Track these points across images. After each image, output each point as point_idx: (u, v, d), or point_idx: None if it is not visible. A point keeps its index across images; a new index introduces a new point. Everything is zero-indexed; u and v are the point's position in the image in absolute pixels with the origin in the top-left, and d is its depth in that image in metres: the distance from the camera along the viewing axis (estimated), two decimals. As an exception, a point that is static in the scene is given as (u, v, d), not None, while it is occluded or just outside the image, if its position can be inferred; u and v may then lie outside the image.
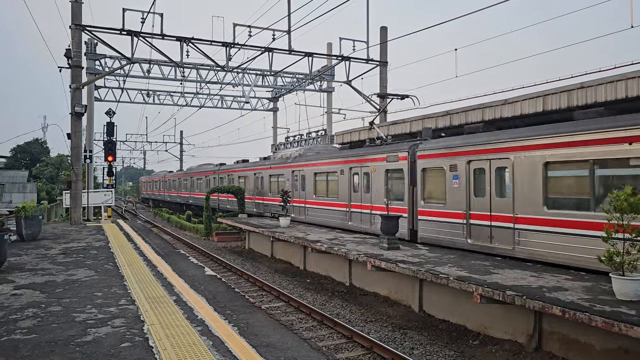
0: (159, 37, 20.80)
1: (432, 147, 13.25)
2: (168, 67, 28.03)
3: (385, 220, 12.70)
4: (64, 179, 37.46)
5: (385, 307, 11.56)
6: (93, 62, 27.72)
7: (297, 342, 6.01)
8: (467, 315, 9.59)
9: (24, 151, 55.78)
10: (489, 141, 11.33)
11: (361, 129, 21.30)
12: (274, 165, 24.39)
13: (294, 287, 14.11)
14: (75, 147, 20.62)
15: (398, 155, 14.46)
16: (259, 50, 22.79)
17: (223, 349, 5.31)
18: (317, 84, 32.47)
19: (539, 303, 7.12)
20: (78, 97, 20.29)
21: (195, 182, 39.30)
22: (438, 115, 16.36)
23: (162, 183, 52.70)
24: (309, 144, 23.92)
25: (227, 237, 25.65)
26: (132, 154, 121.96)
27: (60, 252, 12.26)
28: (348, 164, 17.15)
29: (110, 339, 5.54)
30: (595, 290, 7.74)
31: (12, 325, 6.03)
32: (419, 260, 10.77)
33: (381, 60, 25.29)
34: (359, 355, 8.54)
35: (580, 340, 7.57)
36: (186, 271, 11.60)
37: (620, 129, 8.48)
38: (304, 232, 16.95)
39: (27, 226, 14.74)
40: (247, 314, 7.36)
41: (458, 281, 8.61)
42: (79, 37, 20.35)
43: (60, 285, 8.38)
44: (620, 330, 6.03)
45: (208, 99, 35.87)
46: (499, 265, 10.02)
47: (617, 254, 6.90)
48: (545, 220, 9.78)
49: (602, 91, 11.13)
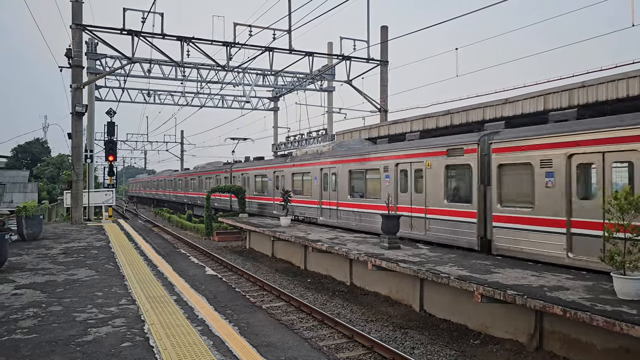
0: (160, 37, 20.81)
1: (511, 137, 10.88)
2: (169, 67, 28.04)
3: (386, 219, 12.69)
4: (64, 178, 37.48)
5: (386, 306, 11.55)
6: (94, 62, 27.72)
7: (298, 341, 6.00)
8: (468, 314, 9.58)
9: (24, 151, 55.83)
10: (602, 128, 8.87)
11: (362, 128, 21.30)
12: (298, 163, 21.70)
13: (294, 286, 14.10)
14: (76, 146, 20.64)
15: (464, 148, 12.14)
16: (259, 50, 22.80)
17: (223, 349, 5.30)
18: (317, 83, 32.47)
19: (540, 302, 7.10)
20: (79, 96, 20.30)
21: (204, 182, 37.26)
22: (439, 115, 16.36)
23: (167, 182, 51.42)
24: (309, 143, 23.86)
25: (227, 237, 25.65)
26: (132, 154, 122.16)
27: (61, 252, 12.26)
28: (394, 160, 14.69)
29: (111, 339, 5.53)
30: (597, 289, 7.73)
31: (12, 325, 6.03)
32: (420, 260, 10.76)
33: (382, 59, 25.29)
34: (360, 355, 8.53)
35: (581, 340, 7.55)
36: (187, 271, 11.59)
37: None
38: (305, 232, 16.94)
39: (28, 226, 14.75)
40: (247, 314, 7.36)
41: (459, 281, 8.60)
42: (80, 37, 20.37)
43: (60, 285, 8.38)
44: (622, 330, 6.02)
45: (209, 99, 35.87)
46: (500, 265, 10.00)
47: (619, 253, 6.89)
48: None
49: (603, 90, 11.11)
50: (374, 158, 16.03)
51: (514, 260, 10.45)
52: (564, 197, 9.54)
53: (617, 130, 8.65)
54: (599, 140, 8.96)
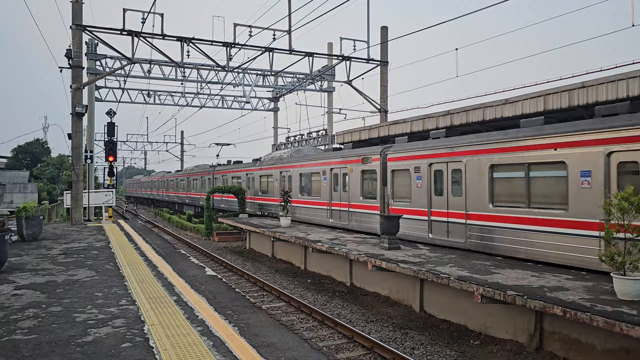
0: (160, 37, 20.81)
1: (398, 149, 14.31)
2: (169, 67, 28.06)
3: (386, 220, 12.69)
4: (64, 179, 37.52)
5: (386, 307, 11.55)
6: (94, 62, 27.75)
7: (298, 342, 5.99)
8: (468, 315, 9.58)
9: (24, 151, 55.82)
10: (434, 146, 12.87)
11: (362, 129, 21.28)
12: (264, 167, 23.98)
13: (294, 287, 14.10)
14: (75, 147, 20.64)
15: (371, 157, 15.23)
16: (259, 50, 22.79)
17: (223, 349, 5.30)
18: (317, 83, 32.48)
19: (540, 303, 7.10)
20: (79, 97, 20.30)
21: (191, 182, 39.71)
22: (439, 115, 16.34)
23: (160, 183, 54.29)
24: (309, 144, 23.83)
25: (227, 237, 25.65)
26: (132, 154, 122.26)
27: (61, 253, 12.26)
28: (329, 165, 16.87)
29: (111, 339, 5.53)
30: (597, 290, 7.73)
31: (12, 326, 6.03)
32: (420, 260, 10.75)
33: (382, 60, 25.28)
34: (360, 355, 8.53)
35: (581, 340, 7.55)
36: (187, 271, 11.58)
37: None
38: (305, 232, 16.94)
39: (28, 226, 14.75)
40: (247, 314, 7.35)
41: (459, 281, 8.60)
42: (80, 37, 20.36)
43: (60, 285, 8.38)
44: (622, 330, 6.02)
45: (209, 99, 35.88)
46: (500, 265, 10.00)
47: (619, 253, 6.89)
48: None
49: (603, 91, 11.10)
50: (318, 164, 19.33)
51: (513, 260, 10.46)
52: (427, 194, 13.26)
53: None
54: (443, 154, 12.84)
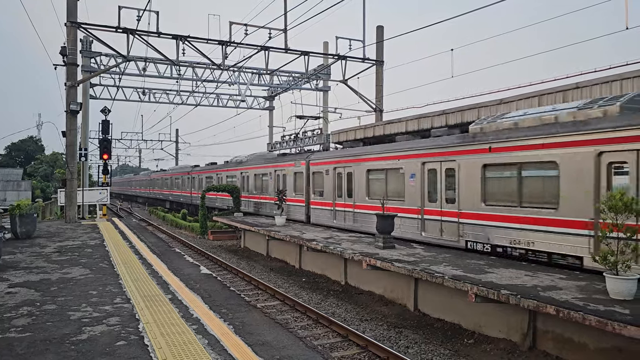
0: (155, 35, 20.74)
1: (316, 157, 18.98)
2: (164, 65, 27.95)
3: (381, 218, 12.72)
4: (58, 176, 37.34)
5: (381, 306, 11.58)
6: (88, 60, 27.61)
7: (293, 340, 6.00)
8: (462, 314, 9.63)
9: (18, 149, 55.52)
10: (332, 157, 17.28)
11: (357, 128, 21.31)
12: (230, 168, 26.36)
13: (289, 285, 14.11)
14: (70, 145, 20.54)
15: (301, 162, 18.63)
16: (255, 49, 22.76)
17: (218, 348, 5.30)
18: (313, 82, 32.47)
19: (533, 302, 7.15)
20: (73, 94, 20.20)
21: (173, 181, 43.22)
22: (434, 115, 16.40)
23: (147, 182, 57.59)
24: (304, 143, 23.80)
25: (222, 236, 25.60)
26: (127, 152, 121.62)
27: (55, 251, 12.21)
28: (273, 168, 19.60)
29: (106, 338, 5.52)
30: (589, 289, 7.78)
31: (6, 324, 6.01)
32: (415, 259, 10.79)
33: (377, 59, 25.32)
34: (355, 354, 8.56)
35: (574, 339, 7.61)
36: (181, 269, 11.54)
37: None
38: (300, 231, 16.95)
39: (22, 224, 14.67)
40: (242, 313, 7.35)
41: (453, 280, 8.64)
42: (75, 35, 20.26)
43: (55, 283, 8.35)
44: (614, 329, 6.07)
45: (204, 97, 35.77)
46: (494, 265, 10.05)
47: (612, 253, 6.94)
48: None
49: (597, 91, 11.18)
50: (266, 166, 23.72)
51: (507, 260, 10.52)
52: (333, 191, 17.47)
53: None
54: (346, 160, 16.75)
